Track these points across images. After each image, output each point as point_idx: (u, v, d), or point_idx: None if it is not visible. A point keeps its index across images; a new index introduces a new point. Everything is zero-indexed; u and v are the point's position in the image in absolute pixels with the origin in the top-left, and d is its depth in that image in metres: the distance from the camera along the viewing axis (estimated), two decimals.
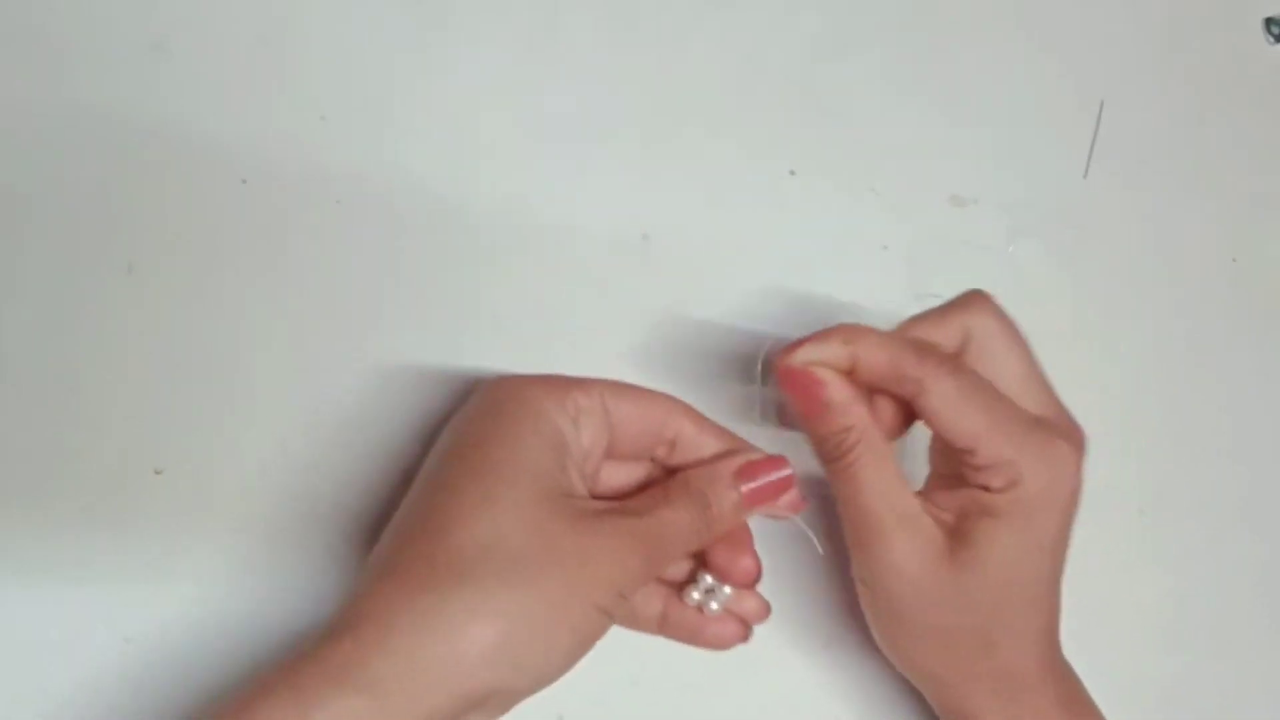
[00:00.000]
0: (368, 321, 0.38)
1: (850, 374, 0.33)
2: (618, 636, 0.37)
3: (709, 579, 0.35)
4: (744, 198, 0.42)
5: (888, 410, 0.34)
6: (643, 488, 0.35)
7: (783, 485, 0.34)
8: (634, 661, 0.37)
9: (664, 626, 0.35)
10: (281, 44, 0.39)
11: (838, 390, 0.33)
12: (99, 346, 0.36)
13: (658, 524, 0.32)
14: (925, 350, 0.33)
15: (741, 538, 0.35)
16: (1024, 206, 0.44)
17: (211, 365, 0.36)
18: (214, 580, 0.35)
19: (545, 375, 0.33)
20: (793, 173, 0.43)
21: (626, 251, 0.41)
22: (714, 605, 0.35)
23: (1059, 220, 0.45)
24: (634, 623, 0.36)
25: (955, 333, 0.34)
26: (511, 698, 0.29)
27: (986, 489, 0.33)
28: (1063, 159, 0.45)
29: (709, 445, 0.34)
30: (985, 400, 0.33)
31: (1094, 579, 0.40)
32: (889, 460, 0.34)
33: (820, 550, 0.36)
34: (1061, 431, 0.34)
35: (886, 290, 0.42)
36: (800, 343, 0.33)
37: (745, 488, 0.34)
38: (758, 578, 0.35)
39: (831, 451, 0.34)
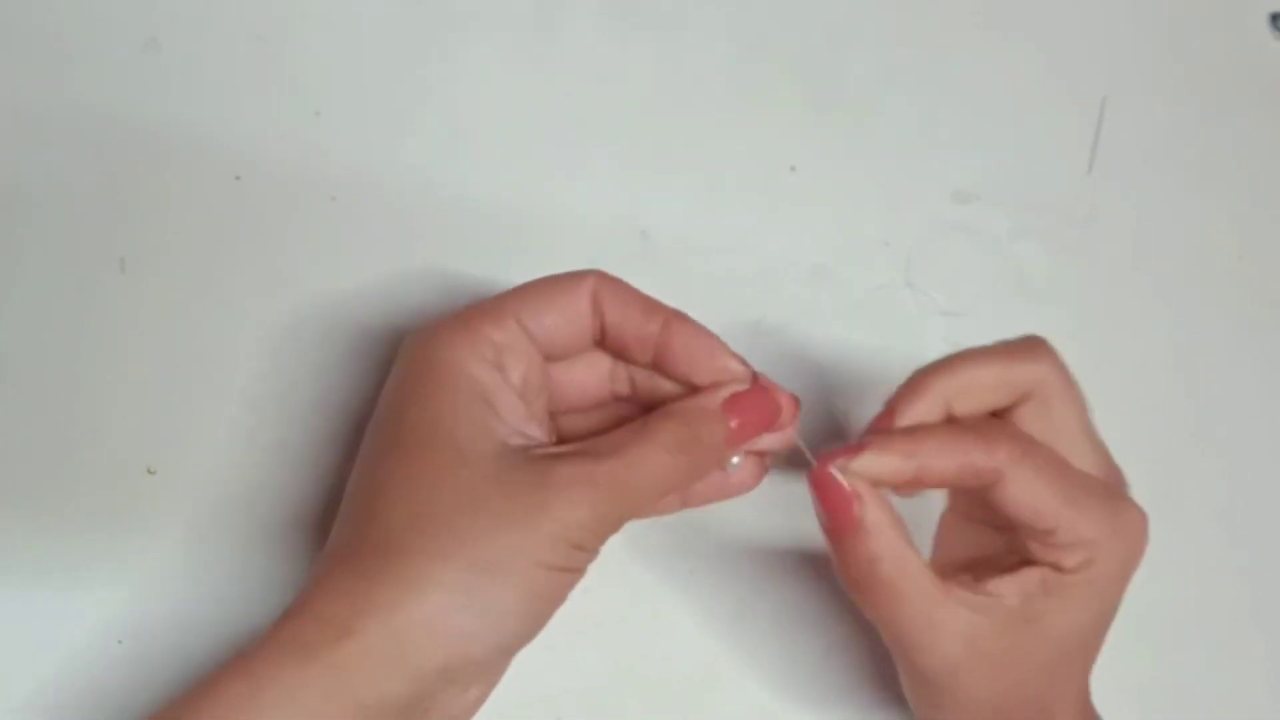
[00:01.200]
0: (365, 319, 0.38)
1: (911, 483, 0.30)
2: (619, 637, 0.37)
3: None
4: (744, 194, 0.42)
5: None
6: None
7: (771, 417, 0.32)
8: (635, 661, 0.37)
9: (684, 503, 0.34)
10: (275, 40, 0.39)
11: (874, 511, 0.30)
12: (91, 344, 0.36)
13: (624, 466, 0.29)
14: (991, 436, 0.30)
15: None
16: (1026, 203, 0.44)
17: (205, 363, 0.36)
18: (207, 581, 0.35)
19: (453, 320, 0.31)
20: (793, 169, 0.43)
21: (626, 248, 0.40)
22: (735, 461, 0.32)
23: (1062, 217, 0.44)
24: (652, 512, 0.33)
25: (1016, 386, 0.32)
26: (481, 668, 0.29)
27: (1058, 568, 0.31)
28: (1066, 156, 0.45)
29: (637, 324, 0.31)
30: (1063, 479, 0.31)
31: None
32: (922, 576, 0.30)
33: (812, 462, 0.31)
34: (1126, 497, 0.32)
35: (888, 287, 0.42)
36: (852, 449, 0.30)
37: (734, 422, 0.31)
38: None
39: (858, 580, 0.30)
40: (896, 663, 0.33)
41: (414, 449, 0.29)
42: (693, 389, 0.32)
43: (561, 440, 0.32)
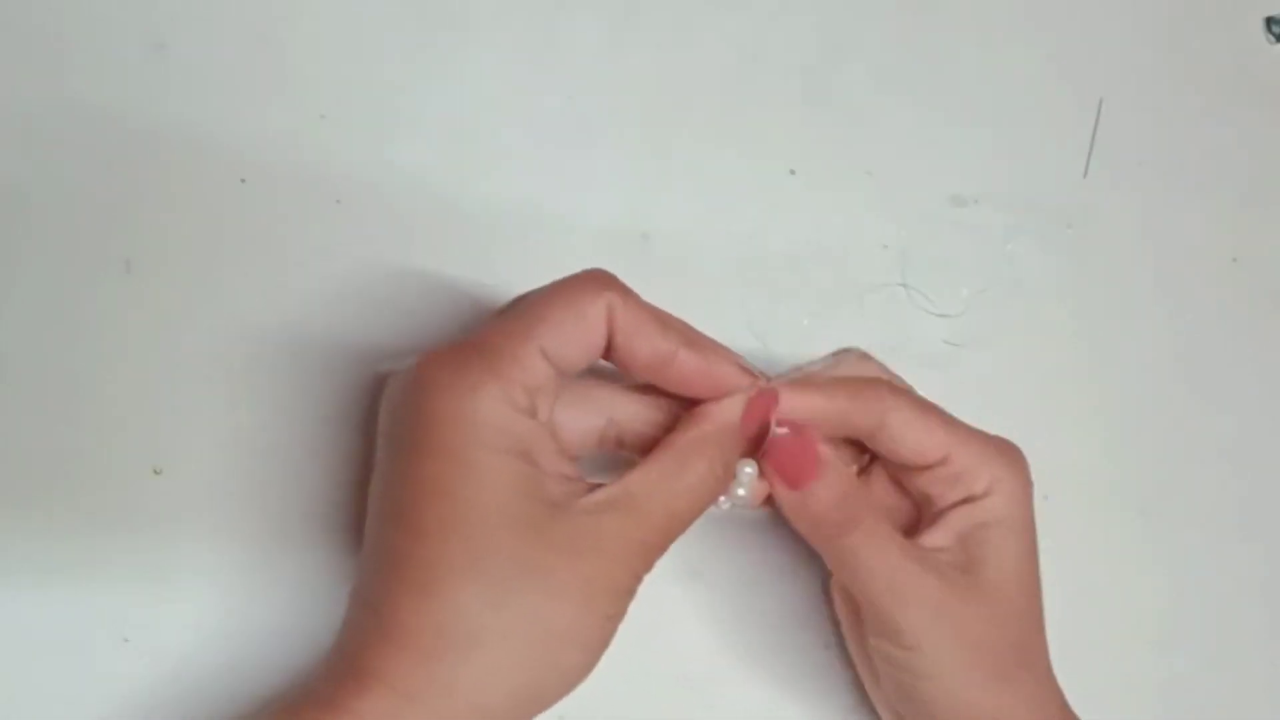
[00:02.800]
0: (368, 321, 0.38)
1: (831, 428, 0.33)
2: (620, 637, 0.37)
3: (741, 492, 0.32)
4: (744, 197, 0.42)
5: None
6: (614, 427, 0.32)
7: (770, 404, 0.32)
8: (635, 661, 0.37)
9: None
10: (281, 43, 0.39)
11: (826, 449, 0.32)
12: (97, 345, 0.36)
13: (666, 509, 0.30)
14: (865, 383, 0.33)
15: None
16: (1024, 206, 0.44)
17: (211, 364, 0.36)
18: (213, 580, 0.35)
19: (478, 366, 0.29)
20: (793, 172, 0.43)
21: (626, 251, 0.41)
22: (740, 493, 0.33)
23: (1059, 220, 0.45)
24: None
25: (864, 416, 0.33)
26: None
27: (970, 499, 0.33)
28: (1063, 158, 0.45)
29: (646, 345, 0.31)
30: (939, 414, 0.33)
31: (1094, 579, 0.40)
32: (885, 520, 0.33)
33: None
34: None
35: (886, 289, 0.42)
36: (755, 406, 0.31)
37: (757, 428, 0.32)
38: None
39: (834, 528, 0.32)
40: (865, 634, 0.34)
41: (472, 525, 0.28)
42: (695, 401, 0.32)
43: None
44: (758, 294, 0.41)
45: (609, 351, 0.31)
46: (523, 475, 0.28)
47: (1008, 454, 0.34)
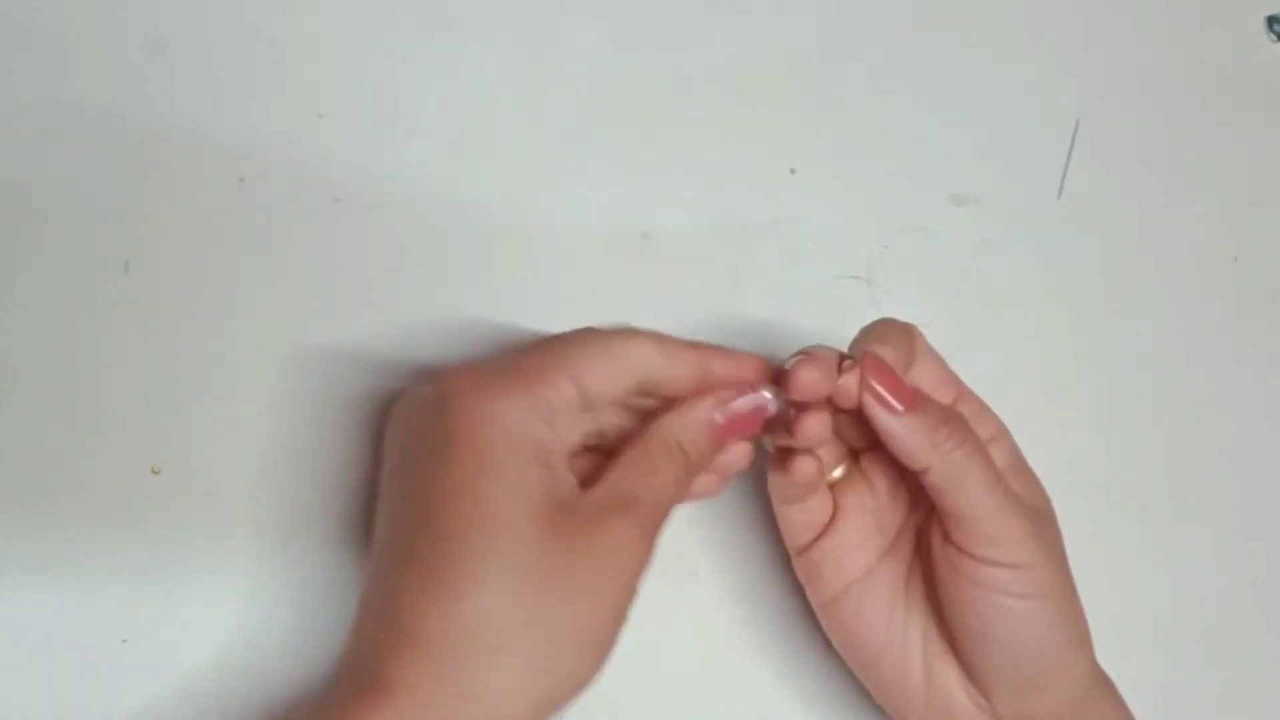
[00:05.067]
0: (366, 320, 0.38)
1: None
2: (619, 638, 0.37)
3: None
4: (744, 196, 0.42)
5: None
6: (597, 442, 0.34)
7: (758, 415, 0.33)
8: (635, 661, 0.37)
9: None
10: (280, 43, 0.39)
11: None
12: (96, 345, 0.36)
13: (654, 502, 0.31)
14: (945, 417, 0.33)
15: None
16: (1026, 204, 0.44)
17: (209, 364, 0.36)
18: (212, 580, 0.35)
19: (512, 380, 0.30)
20: (793, 171, 0.43)
21: (626, 250, 0.41)
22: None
23: (1061, 217, 0.45)
24: None
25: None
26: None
27: (994, 563, 0.33)
28: (1064, 155, 0.45)
29: (681, 371, 0.32)
30: (996, 478, 0.33)
31: (1094, 580, 0.40)
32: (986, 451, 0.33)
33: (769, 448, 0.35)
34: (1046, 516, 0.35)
35: (889, 288, 0.42)
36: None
37: (720, 423, 0.33)
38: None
39: (948, 440, 0.32)
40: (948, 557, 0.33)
41: (496, 526, 0.28)
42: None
43: None
44: (758, 292, 0.41)
45: (653, 387, 0.33)
46: (543, 479, 0.29)
47: (1039, 535, 0.33)
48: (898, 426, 0.32)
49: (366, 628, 0.29)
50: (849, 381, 0.32)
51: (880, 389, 0.32)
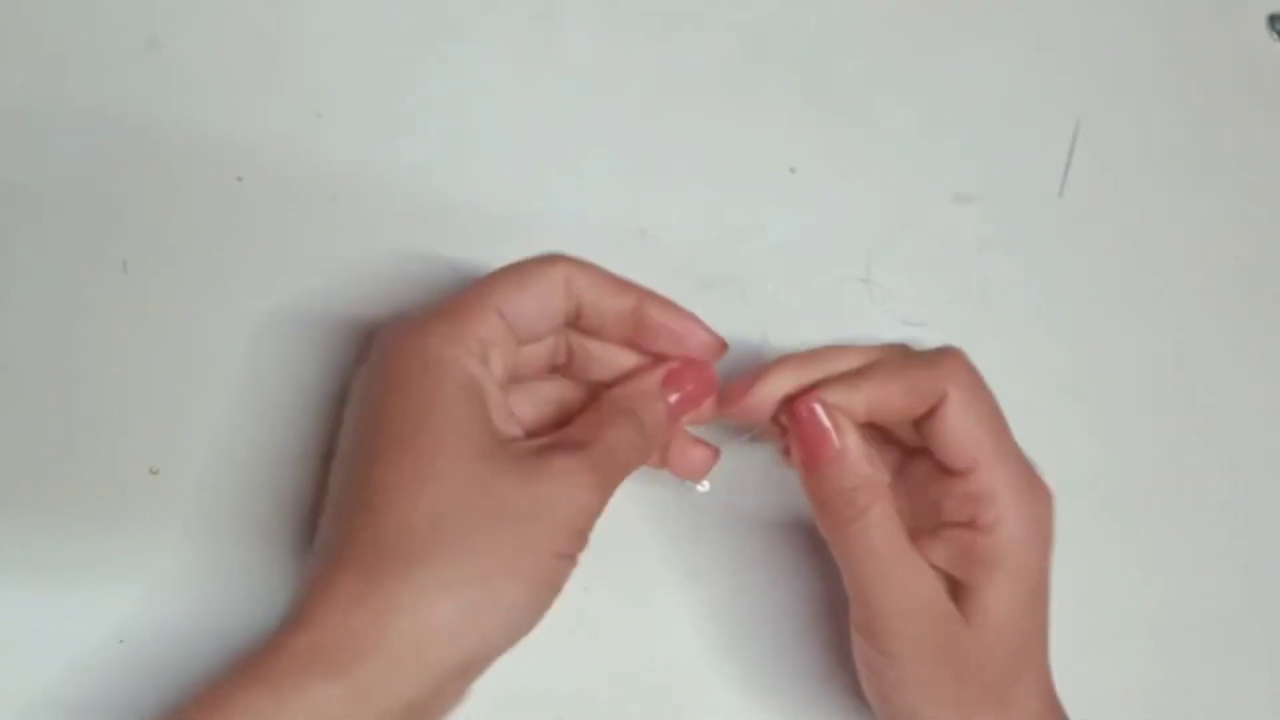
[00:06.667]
0: (365, 320, 0.38)
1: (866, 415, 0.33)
2: (618, 637, 0.37)
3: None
4: (743, 194, 0.42)
5: (886, 457, 0.34)
6: (565, 414, 0.34)
7: (708, 388, 0.34)
8: (634, 661, 0.37)
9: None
10: (277, 41, 0.39)
11: (853, 438, 0.32)
12: (93, 344, 0.36)
13: (605, 449, 0.31)
14: (936, 361, 0.33)
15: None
16: (1026, 203, 0.44)
17: (207, 364, 0.36)
18: (208, 580, 0.35)
19: (438, 315, 0.31)
20: (793, 170, 0.43)
21: (624, 247, 0.40)
22: (704, 486, 0.36)
23: (1063, 217, 0.45)
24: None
25: (926, 395, 0.33)
26: (486, 661, 0.29)
27: (973, 525, 0.32)
28: (1066, 154, 0.45)
29: (616, 305, 0.33)
30: (995, 421, 0.33)
31: (1094, 579, 0.40)
32: (897, 519, 0.32)
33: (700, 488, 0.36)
34: (1038, 475, 0.34)
35: (889, 288, 0.42)
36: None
37: (671, 397, 0.33)
38: (714, 461, 0.35)
39: (841, 512, 0.32)
40: (860, 636, 0.33)
41: (416, 445, 0.29)
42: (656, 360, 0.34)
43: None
44: (757, 291, 0.41)
45: (580, 321, 0.33)
46: (472, 406, 0.30)
47: (1031, 494, 0.33)
48: (802, 481, 0.33)
49: (303, 570, 0.30)
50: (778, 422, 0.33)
51: (799, 451, 0.33)
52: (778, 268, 0.42)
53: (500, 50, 0.41)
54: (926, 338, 0.36)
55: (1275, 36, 0.48)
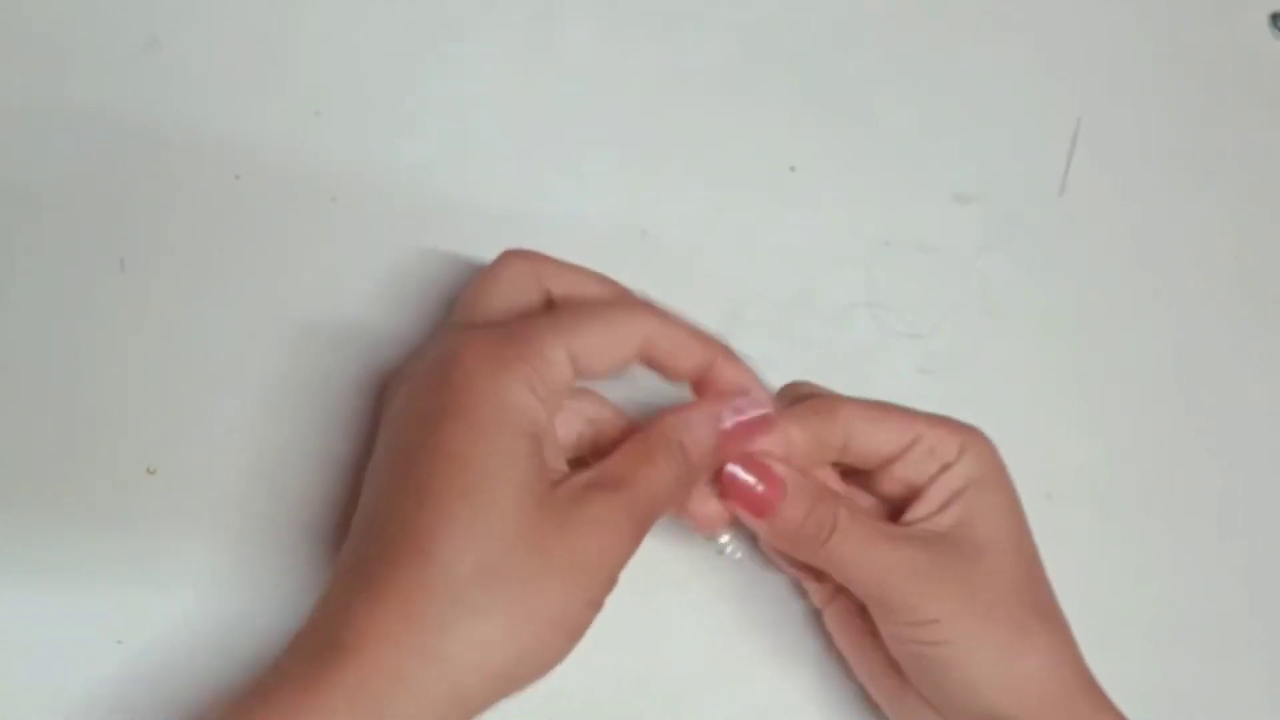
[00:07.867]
0: (364, 319, 0.38)
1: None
2: (619, 638, 0.37)
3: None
4: (744, 194, 0.42)
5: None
6: (597, 433, 0.34)
7: (762, 424, 0.33)
8: (634, 662, 0.37)
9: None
10: (276, 40, 0.39)
11: (780, 466, 0.33)
12: (91, 344, 0.36)
13: (645, 490, 0.31)
14: (818, 402, 0.34)
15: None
16: (1027, 202, 0.44)
17: (205, 363, 0.36)
18: (207, 581, 0.35)
19: (509, 349, 0.30)
20: (793, 170, 0.43)
21: (625, 247, 0.40)
22: (724, 540, 0.36)
23: (1063, 216, 0.45)
24: None
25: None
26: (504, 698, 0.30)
27: (946, 466, 0.34)
28: (1066, 153, 0.45)
29: (686, 361, 0.33)
30: (893, 405, 0.35)
31: (1094, 583, 0.40)
32: (860, 509, 0.34)
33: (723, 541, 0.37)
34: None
35: (888, 287, 0.42)
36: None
37: (728, 421, 0.33)
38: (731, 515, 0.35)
39: (814, 537, 0.33)
40: (893, 641, 0.34)
41: (474, 488, 0.28)
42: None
43: None
44: (757, 291, 0.41)
45: (648, 363, 0.33)
46: (534, 456, 0.29)
47: (968, 427, 0.35)
48: (761, 533, 0.34)
49: (335, 587, 0.29)
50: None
51: (745, 510, 0.33)
52: (779, 268, 0.42)
53: (500, 50, 0.41)
54: (926, 338, 0.36)
55: (1277, 35, 0.48)
